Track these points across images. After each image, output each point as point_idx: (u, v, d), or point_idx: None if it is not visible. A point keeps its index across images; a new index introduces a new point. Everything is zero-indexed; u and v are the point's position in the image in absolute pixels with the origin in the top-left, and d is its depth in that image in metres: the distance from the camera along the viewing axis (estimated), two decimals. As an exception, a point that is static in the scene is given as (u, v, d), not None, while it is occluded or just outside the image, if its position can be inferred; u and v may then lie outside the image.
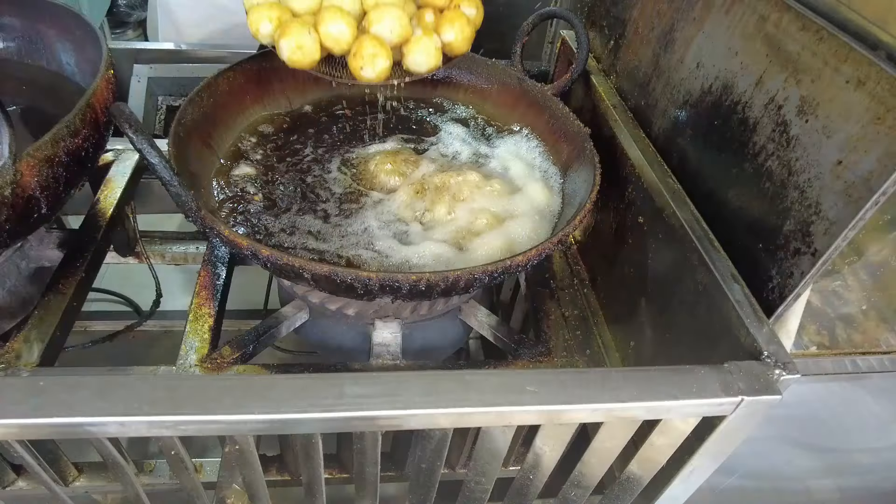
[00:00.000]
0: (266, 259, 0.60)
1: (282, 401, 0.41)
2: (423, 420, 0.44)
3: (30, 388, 0.40)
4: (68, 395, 0.41)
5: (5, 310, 0.85)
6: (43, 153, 0.65)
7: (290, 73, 0.94)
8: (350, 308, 0.78)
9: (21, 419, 0.38)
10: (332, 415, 0.42)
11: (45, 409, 0.39)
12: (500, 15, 1.24)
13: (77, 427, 0.40)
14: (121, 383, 0.42)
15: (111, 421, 0.40)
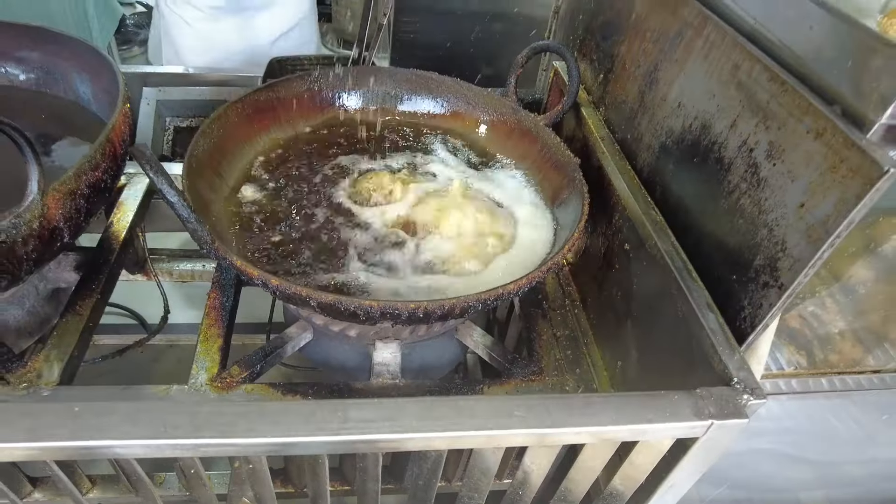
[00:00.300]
0: (275, 288, 0.65)
1: (292, 425, 0.46)
2: (419, 443, 0.48)
3: (67, 414, 0.44)
4: (100, 420, 0.45)
5: (24, 329, 0.90)
6: (67, 187, 0.70)
7: (294, 102, 1.00)
8: (352, 329, 0.82)
9: (62, 442, 0.42)
10: (338, 438, 0.46)
11: (81, 433, 0.43)
12: (496, 43, 1.29)
13: (109, 449, 0.44)
14: (146, 409, 0.47)
15: (139, 444, 0.44)
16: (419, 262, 0.81)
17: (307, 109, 1.00)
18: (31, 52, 0.95)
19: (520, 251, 0.84)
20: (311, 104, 1.00)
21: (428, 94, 1.05)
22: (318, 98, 1.01)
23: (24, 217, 0.65)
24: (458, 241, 0.84)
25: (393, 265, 0.80)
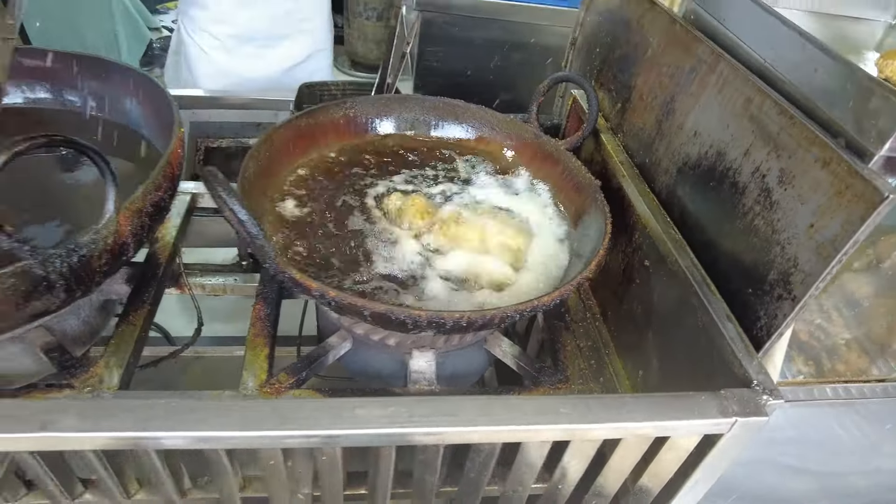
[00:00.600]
0: (332, 299, 0.71)
1: (368, 420, 0.52)
2: (480, 436, 0.54)
3: (164, 408, 0.50)
4: (196, 415, 0.51)
5: (79, 338, 0.95)
6: (135, 206, 0.76)
7: (329, 127, 1.07)
8: (392, 339, 0.88)
9: (170, 432, 0.48)
10: (408, 430, 0.52)
11: (183, 425, 0.49)
12: (514, 71, 1.37)
13: (204, 440, 0.50)
14: (231, 406, 0.52)
15: (233, 436, 0.50)
16: (451, 276, 0.87)
17: (343, 133, 1.07)
18: (89, 81, 1.02)
19: (544, 267, 0.90)
20: (348, 128, 1.07)
21: (455, 120, 1.12)
22: (353, 123, 1.08)
23: (102, 233, 0.71)
24: (486, 256, 0.90)
25: (425, 278, 0.86)
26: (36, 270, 0.66)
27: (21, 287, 0.66)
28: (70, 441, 0.50)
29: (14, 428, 0.49)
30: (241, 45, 1.86)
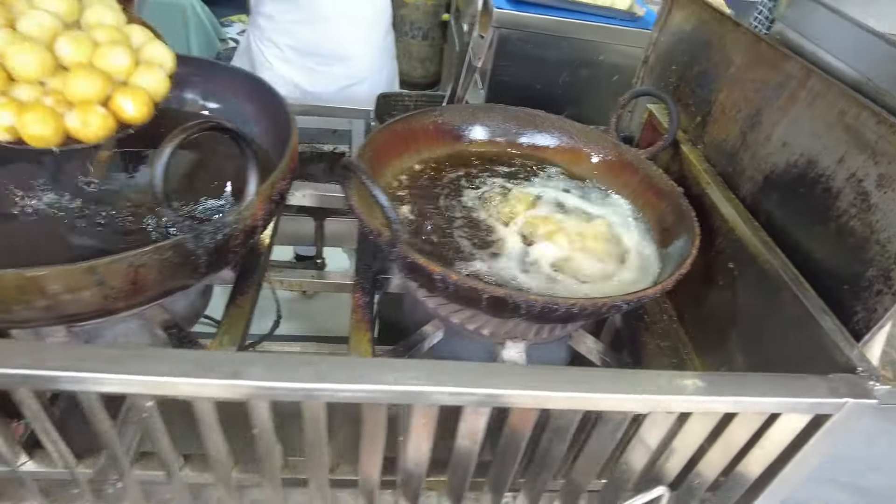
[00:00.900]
0: (453, 283, 0.76)
1: (504, 382, 0.57)
2: (613, 403, 0.59)
3: (337, 365, 0.56)
4: (360, 371, 0.56)
5: (185, 319, 1.01)
6: (267, 192, 0.82)
7: (420, 132, 1.13)
8: (487, 328, 0.93)
9: (340, 385, 0.54)
10: (553, 394, 0.57)
11: (352, 379, 0.55)
12: (581, 87, 1.44)
13: (368, 393, 0.55)
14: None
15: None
16: (551, 269, 0.92)
17: (433, 139, 1.13)
18: (204, 82, 1.10)
19: (634, 266, 0.95)
20: (437, 134, 1.14)
21: (535, 129, 1.18)
22: (441, 130, 1.14)
23: (244, 214, 0.77)
24: (583, 252, 0.95)
25: (526, 272, 0.91)
26: (188, 244, 0.72)
27: (174, 259, 0.72)
28: (254, 389, 0.55)
29: (206, 374, 0.55)
30: (301, 59, 1.94)
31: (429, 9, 2.95)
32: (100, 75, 0.76)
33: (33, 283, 0.64)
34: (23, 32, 0.76)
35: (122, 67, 0.79)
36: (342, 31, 1.87)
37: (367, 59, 1.98)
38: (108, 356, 0.55)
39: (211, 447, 0.64)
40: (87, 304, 0.71)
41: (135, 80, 0.80)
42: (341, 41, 1.89)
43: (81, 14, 0.83)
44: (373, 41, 1.96)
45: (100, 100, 0.76)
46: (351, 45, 1.91)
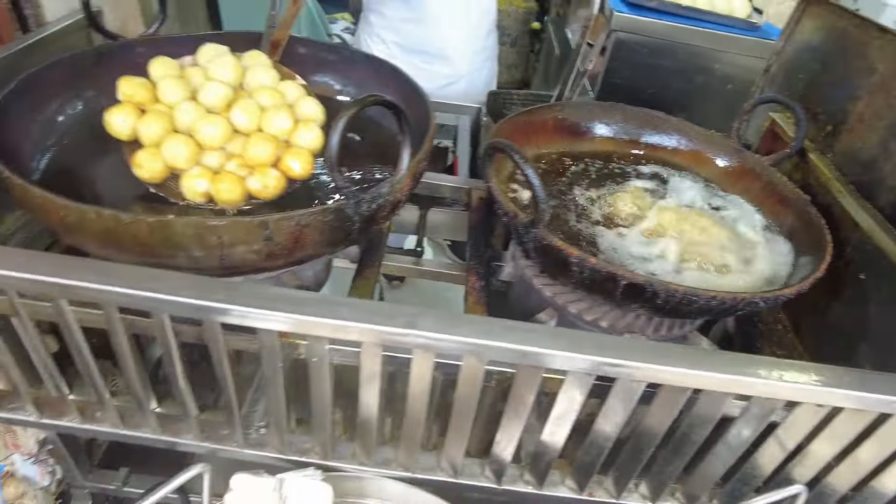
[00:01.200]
0: (591, 267, 0.78)
1: (613, 352, 0.58)
2: (766, 389, 0.59)
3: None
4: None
5: (307, 289, 1.06)
6: (413, 170, 0.86)
7: (540, 126, 1.16)
8: (604, 320, 0.94)
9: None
10: (659, 367, 0.58)
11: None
12: (693, 93, 1.43)
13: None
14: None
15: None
16: (673, 266, 0.92)
17: (552, 133, 1.16)
18: (345, 68, 1.16)
19: (759, 267, 0.94)
20: (556, 129, 1.16)
21: (654, 130, 1.19)
22: (561, 125, 1.16)
23: (396, 186, 0.81)
24: (701, 247, 0.95)
25: (649, 260, 0.92)
26: (348, 210, 0.76)
27: (334, 223, 0.76)
28: (425, 340, 0.58)
29: (384, 322, 0.58)
30: (406, 55, 2.00)
31: (520, 16, 2.99)
32: (272, 140, 0.84)
33: (212, 231, 0.69)
34: (204, 104, 0.86)
35: (286, 130, 0.87)
36: (447, 31, 1.92)
37: (468, 59, 2.03)
38: (298, 299, 0.59)
39: (367, 400, 0.68)
40: (250, 259, 0.76)
41: (297, 139, 0.88)
42: (445, 41, 1.94)
43: (243, 77, 0.93)
44: (475, 42, 2.00)
45: (272, 162, 0.85)
46: (454, 46, 1.96)
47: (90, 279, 0.59)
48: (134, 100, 0.85)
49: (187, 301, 0.58)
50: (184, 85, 0.88)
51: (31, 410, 0.80)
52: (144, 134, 0.82)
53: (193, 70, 0.92)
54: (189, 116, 0.83)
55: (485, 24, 1.99)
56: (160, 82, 0.87)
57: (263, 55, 1.00)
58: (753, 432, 0.67)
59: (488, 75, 2.05)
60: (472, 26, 1.95)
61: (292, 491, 0.71)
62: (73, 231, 0.72)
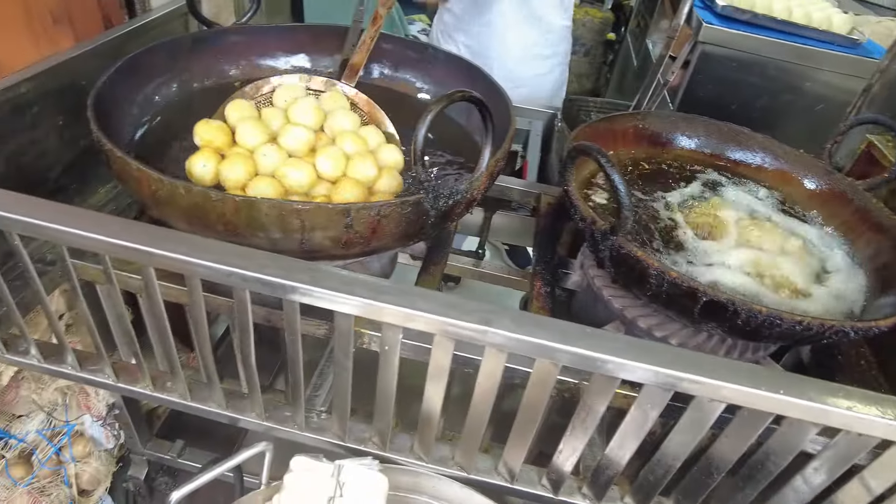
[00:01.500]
0: (671, 280, 0.75)
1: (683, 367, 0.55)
2: (860, 423, 0.55)
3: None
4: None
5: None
6: (491, 169, 0.85)
7: (619, 134, 1.13)
8: (675, 337, 0.91)
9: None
10: (795, 400, 0.54)
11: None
12: (778, 112, 1.37)
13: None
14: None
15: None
16: (744, 283, 0.88)
17: (630, 141, 1.13)
18: (425, 67, 1.17)
19: (829, 292, 0.89)
20: (635, 138, 1.13)
21: (737, 146, 1.14)
22: (641, 133, 1.14)
23: (475, 184, 0.81)
24: (776, 267, 0.90)
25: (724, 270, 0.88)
26: (426, 203, 0.76)
27: (411, 215, 0.77)
28: (502, 339, 0.57)
29: (462, 317, 0.58)
30: (474, 57, 1.99)
31: (595, 26, 2.95)
32: (359, 187, 0.85)
33: (296, 215, 0.71)
34: (287, 148, 0.87)
35: (371, 177, 0.88)
36: (514, 36, 1.91)
37: (532, 66, 2.00)
38: (378, 286, 0.60)
39: (432, 394, 0.67)
40: (327, 245, 0.77)
41: (380, 185, 0.89)
42: (511, 46, 1.93)
43: (324, 120, 0.95)
44: (542, 48, 1.97)
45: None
46: (520, 51, 1.94)
47: (180, 250, 0.61)
48: (213, 145, 0.86)
49: (271, 279, 0.59)
50: (262, 128, 0.89)
51: (109, 374, 0.83)
52: (228, 178, 0.83)
53: (271, 112, 0.93)
54: (272, 160, 0.84)
55: (555, 31, 1.96)
56: (238, 125, 0.89)
57: (342, 96, 1.02)
58: (839, 469, 0.63)
59: (555, 83, 2.02)
60: (541, 32, 1.93)
61: (349, 478, 0.71)
62: (162, 204, 0.75)
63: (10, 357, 0.84)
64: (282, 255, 0.71)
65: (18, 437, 1.13)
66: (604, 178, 1.05)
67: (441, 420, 0.90)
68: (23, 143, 0.91)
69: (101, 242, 0.62)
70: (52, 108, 0.94)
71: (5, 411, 1.12)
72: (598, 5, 3.19)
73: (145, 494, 1.51)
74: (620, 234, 0.78)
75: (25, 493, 1.13)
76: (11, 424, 1.13)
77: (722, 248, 0.94)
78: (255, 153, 0.85)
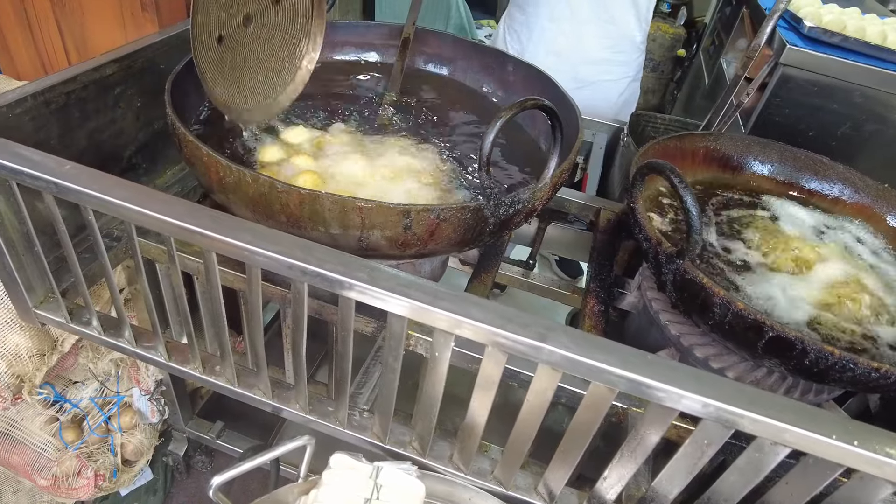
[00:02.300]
0: (737, 311, 0.72)
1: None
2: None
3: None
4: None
5: (426, 283, 1.07)
6: (555, 179, 0.84)
7: (688, 153, 1.09)
8: (732, 370, 0.87)
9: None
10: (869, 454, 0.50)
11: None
12: (860, 141, 1.30)
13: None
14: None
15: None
16: (812, 316, 0.83)
17: (699, 162, 1.09)
18: (496, 72, 1.16)
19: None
20: (705, 159, 1.09)
21: (814, 175, 1.09)
22: (711, 155, 1.09)
23: (537, 194, 0.79)
24: (852, 300, 0.85)
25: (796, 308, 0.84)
26: (486, 210, 0.75)
27: (470, 221, 0.76)
28: (559, 358, 0.55)
29: (519, 332, 0.56)
30: (538, 55, 1.96)
31: (666, 42, 2.87)
32: None
33: (358, 212, 0.71)
34: None
35: None
36: (586, 38, 1.87)
37: (595, 70, 1.94)
38: (435, 291, 0.59)
39: (478, 405, 0.66)
40: (383, 244, 0.77)
41: None
42: (582, 46, 1.88)
43: None
44: (607, 53, 1.92)
45: None
46: (596, 52, 1.89)
47: (244, 238, 0.61)
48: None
49: (330, 275, 0.59)
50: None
51: (162, 352, 0.85)
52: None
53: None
54: None
55: (628, 39, 1.91)
56: None
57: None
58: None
59: (622, 94, 1.96)
60: (614, 37, 1.88)
61: (388, 481, 0.71)
62: (227, 190, 0.76)
63: (74, 326, 0.88)
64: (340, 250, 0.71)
65: (73, 402, 1.17)
66: (670, 199, 1.02)
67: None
68: (104, 121, 0.94)
69: (168, 224, 0.63)
70: (133, 89, 0.97)
71: (63, 376, 1.17)
72: (670, 21, 3.11)
73: (182, 471, 1.55)
74: (687, 258, 0.75)
75: (75, 457, 1.18)
76: (67, 389, 1.17)
77: (791, 279, 0.89)
78: None
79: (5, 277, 0.84)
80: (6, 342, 0.96)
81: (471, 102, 1.16)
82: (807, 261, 0.91)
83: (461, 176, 0.94)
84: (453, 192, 0.91)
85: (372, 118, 1.07)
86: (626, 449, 0.64)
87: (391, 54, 1.20)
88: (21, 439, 1.18)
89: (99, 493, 1.24)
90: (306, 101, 1.05)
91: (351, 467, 0.71)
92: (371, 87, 1.17)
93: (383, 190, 0.87)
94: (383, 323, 0.90)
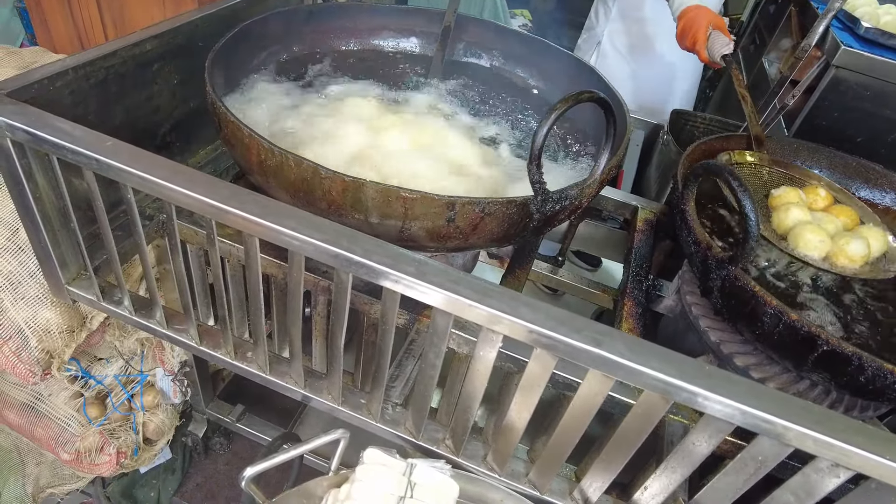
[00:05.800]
0: (790, 323, 0.69)
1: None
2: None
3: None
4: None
5: (457, 277, 1.05)
6: (603, 176, 0.81)
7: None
8: (773, 381, 0.84)
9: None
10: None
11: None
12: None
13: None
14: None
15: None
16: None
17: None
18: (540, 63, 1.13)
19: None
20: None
21: (863, 182, 1.05)
22: (758, 158, 1.06)
23: (585, 191, 0.77)
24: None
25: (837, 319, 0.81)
26: (532, 205, 0.73)
27: (514, 216, 0.73)
28: (612, 364, 0.53)
29: (571, 335, 0.54)
30: (614, 52, 1.90)
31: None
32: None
33: (401, 202, 0.69)
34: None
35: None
36: (654, 37, 1.82)
37: (644, 60, 1.90)
38: (484, 289, 0.57)
39: (520, 407, 0.64)
40: (424, 235, 0.75)
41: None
42: (647, 46, 1.83)
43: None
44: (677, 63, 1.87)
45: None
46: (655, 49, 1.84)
47: (288, 224, 0.59)
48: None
49: (377, 266, 0.57)
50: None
51: (194, 335, 0.84)
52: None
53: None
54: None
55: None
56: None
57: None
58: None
59: (670, 95, 1.91)
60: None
61: (421, 479, 0.69)
62: (268, 173, 0.74)
63: (105, 305, 0.87)
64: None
65: (98, 379, 1.17)
66: (724, 202, 0.98)
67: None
68: (141, 98, 0.93)
69: (212, 207, 0.61)
70: (170, 67, 0.96)
71: (89, 352, 1.17)
72: (704, 17, 3.02)
73: (201, 451, 1.55)
74: (740, 264, 0.72)
75: (98, 433, 1.17)
76: (92, 366, 1.17)
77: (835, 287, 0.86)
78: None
79: (40, 253, 0.83)
80: (37, 317, 0.95)
81: (515, 90, 1.13)
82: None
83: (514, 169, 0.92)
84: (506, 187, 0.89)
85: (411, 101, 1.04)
86: (672, 460, 0.62)
87: (433, 42, 1.17)
88: (46, 413, 1.18)
89: (120, 470, 1.24)
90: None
91: (384, 463, 0.70)
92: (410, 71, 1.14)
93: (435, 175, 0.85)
94: (416, 315, 0.89)
